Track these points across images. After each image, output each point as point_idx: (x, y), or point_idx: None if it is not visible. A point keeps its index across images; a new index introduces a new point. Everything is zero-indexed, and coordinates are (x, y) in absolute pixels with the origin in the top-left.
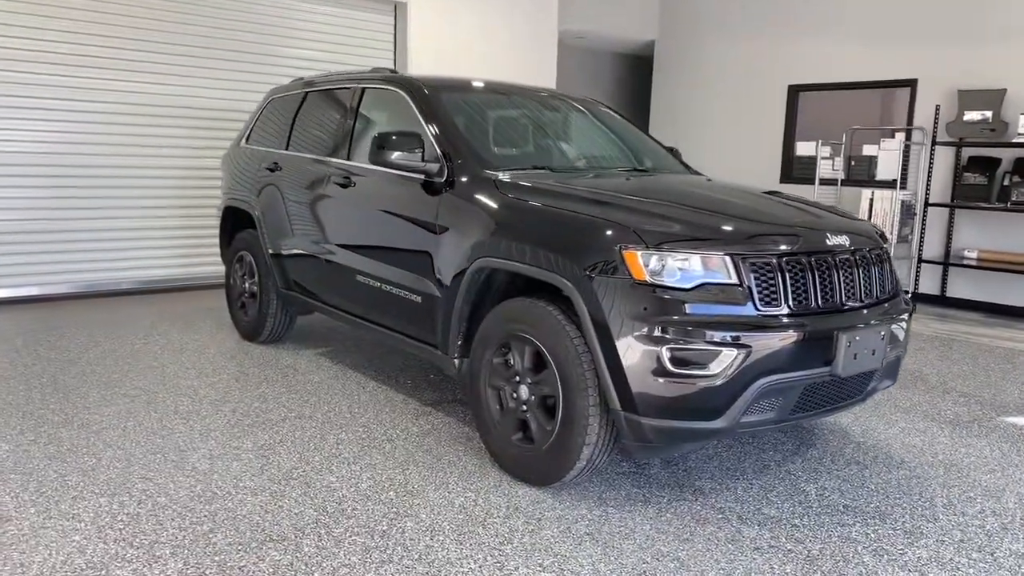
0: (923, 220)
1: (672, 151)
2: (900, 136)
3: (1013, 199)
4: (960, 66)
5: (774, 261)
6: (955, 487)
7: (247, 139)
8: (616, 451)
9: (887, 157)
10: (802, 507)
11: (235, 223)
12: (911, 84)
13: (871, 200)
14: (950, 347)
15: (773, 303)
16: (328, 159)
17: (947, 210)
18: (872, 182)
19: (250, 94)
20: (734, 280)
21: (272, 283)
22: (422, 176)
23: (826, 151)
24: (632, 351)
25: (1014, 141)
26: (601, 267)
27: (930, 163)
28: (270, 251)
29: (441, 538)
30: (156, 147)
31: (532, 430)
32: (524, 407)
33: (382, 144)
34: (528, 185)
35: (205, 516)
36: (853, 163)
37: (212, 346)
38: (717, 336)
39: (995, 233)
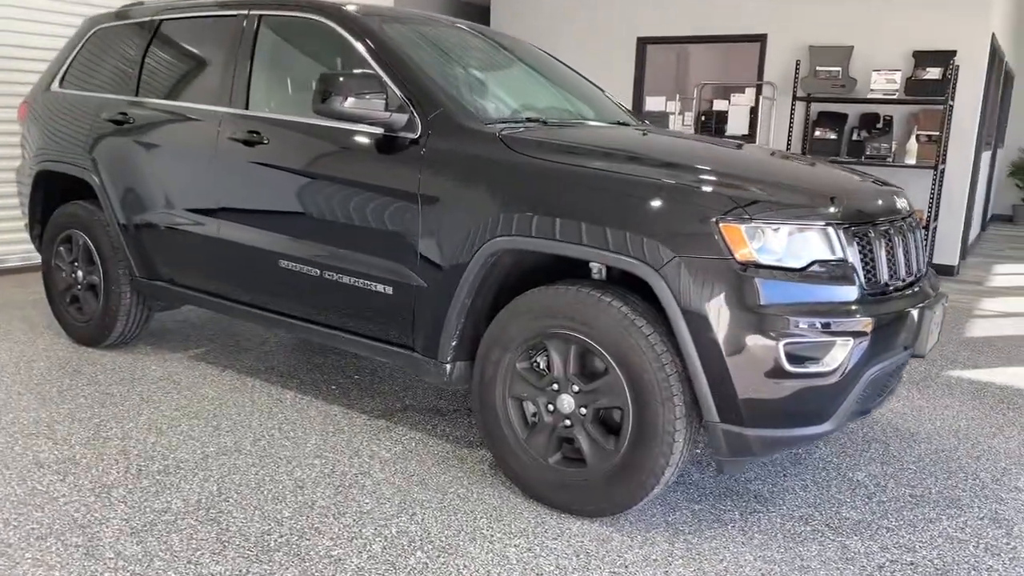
0: None
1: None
2: (750, 91)
3: (867, 153)
4: (808, 22)
5: (871, 232)
6: (981, 457)
7: (61, 81)
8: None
9: (737, 112)
10: (875, 503)
11: (54, 193)
12: (760, 39)
13: None
14: None
15: (871, 280)
16: (218, 109)
17: None
18: (723, 137)
19: (51, 25)
20: (840, 255)
21: (125, 272)
22: (380, 131)
23: (676, 106)
24: (740, 349)
25: (868, 97)
26: (692, 246)
27: (791, 118)
28: (123, 231)
29: None
30: None
31: (583, 450)
32: (567, 422)
33: (329, 89)
34: (555, 142)
35: None
36: (704, 118)
37: (40, 358)
38: (834, 324)
39: None
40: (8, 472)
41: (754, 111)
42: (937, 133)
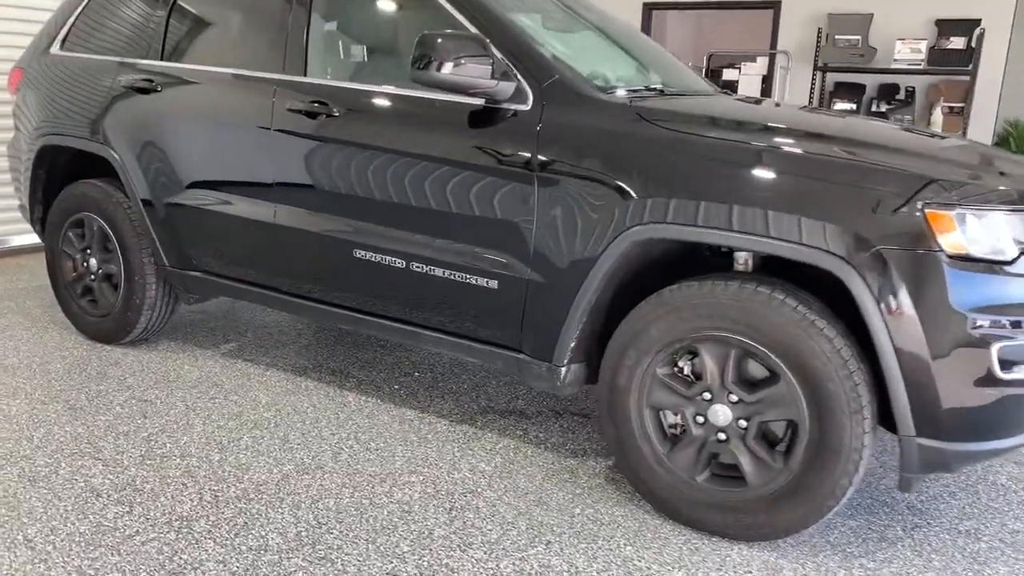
0: None
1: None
2: (762, 60)
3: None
4: None
5: None
6: None
7: (63, 43)
8: None
9: (748, 82)
10: None
11: (60, 171)
12: (774, 6)
13: None
14: None
15: None
16: (273, 76)
17: None
18: None
19: None
20: None
21: (150, 260)
22: (480, 102)
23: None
24: (947, 354)
25: (892, 67)
26: (894, 235)
27: (812, 88)
28: (149, 214)
29: None
30: None
31: (741, 468)
32: (721, 435)
33: (429, 52)
34: (700, 114)
35: None
36: None
37: (54, 358)
38: None
39: None
40: (63, 504)
41: (766, 80)
42: (960, 104)
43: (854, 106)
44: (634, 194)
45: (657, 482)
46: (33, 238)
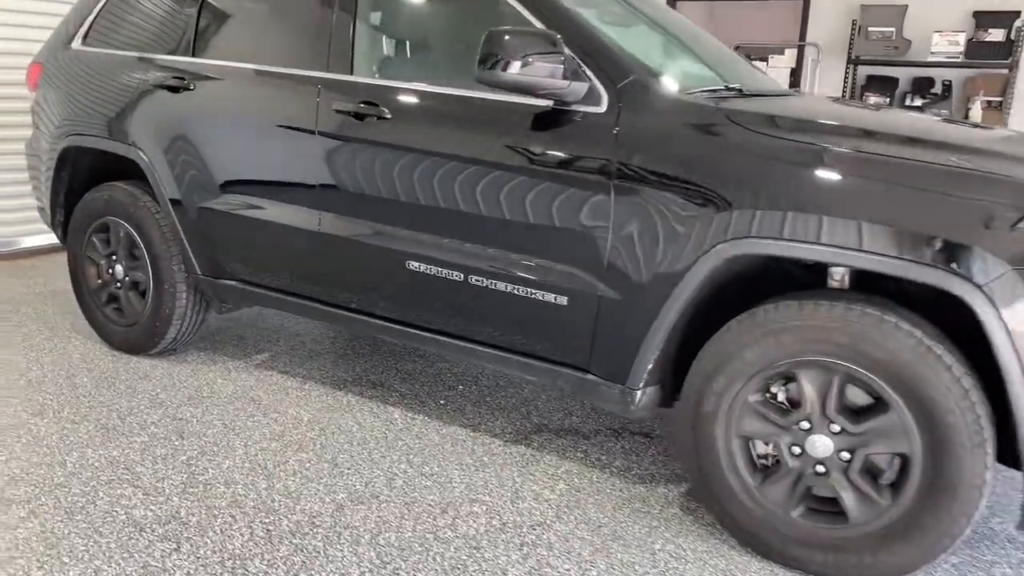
0: None
1: None
2: (791, 53)
3: None
4: None
5: None
6: None
7: (84, 38)
8: None
9: (775, 75)
10: None
11: (82, 173)
12: None
13: None
14: None
15: None
16: (317, 75)
17: None
18: None
19: None
20: None
21: (181, 268)
22: (548, 104)
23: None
24: None
25: (929, 60)
26: None
27: (845, 82)
28: (180, 220)
29: None
30: None
31: (843, 503)
32: (820, 468)
33: (496, 50)
34: (795, 118)
35: None
36: None
37: (80, 371)
38: None
39: None
40: (105, 540)
41: (794, 74)
42: (999, 98)
43: (887, 100)
44: (732, 205)
45: (746, 516)
46: (45, 239)
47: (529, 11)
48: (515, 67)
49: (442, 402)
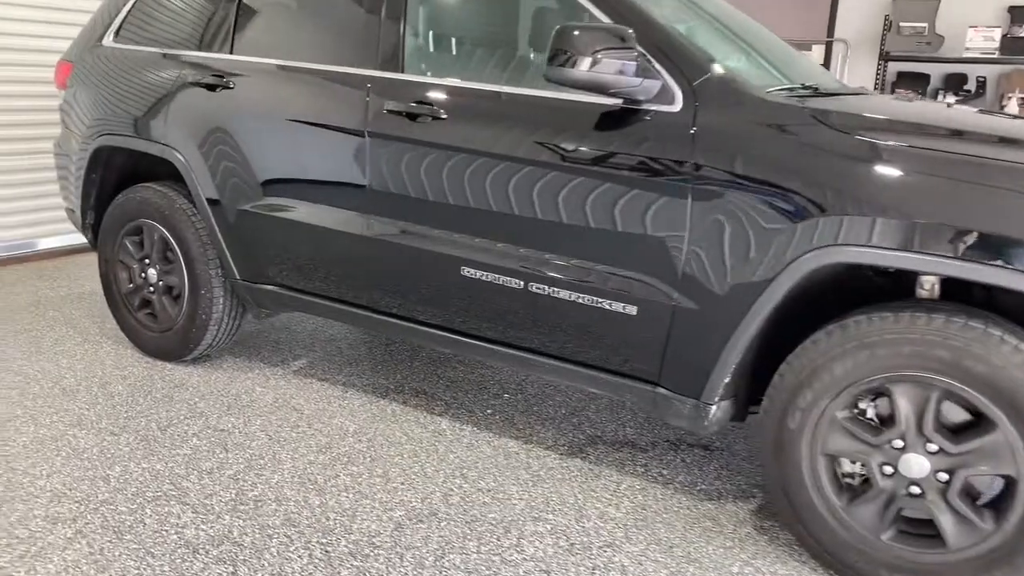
0: None
1: None
2: (818, 49)
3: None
4: None
5: None
6: None
7: (116, 34)
8: None
9: None
10: None
11: (114, 175)
12: None
13: None
14: None
15: None
16: (366, 73)
17: None
18: None
19: None
20: None
21: (218, 272)
22: (617, 102)
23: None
24: None
25: (963, 56)
26: None
27: (877, 79)
28: (218, 223)
29: None
30: None
31: (941, 527)
32: (915, 489)
33: (566, 47)
34: (891, 120)
35: None
36: None
37: (114, 379)
38: None
39: None
40: (158, 563)
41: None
42: None
43: (920, 97)
44: (823, 212)
45: (831, 539)
46: (64, 240)
47: (595, 5)
48: (585, 64)
49: (489, 411)
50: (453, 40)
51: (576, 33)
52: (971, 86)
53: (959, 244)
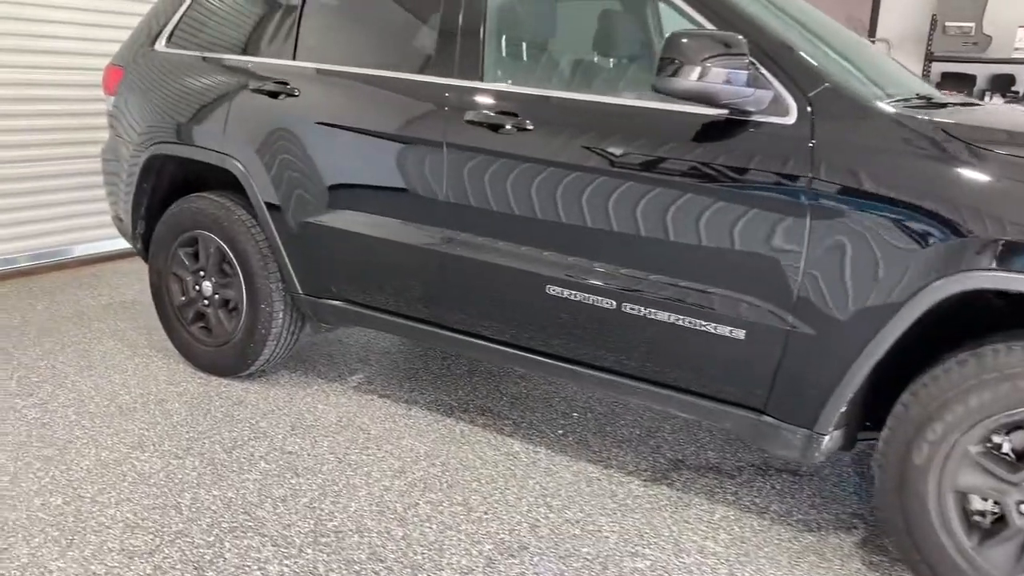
0: None
1: None
2: None
3: None
4: None
5: None
6: None
7: (169, 39)
8: None
9: None
10: None
11: (163, 182)
12: None
13: None
14: None
15: None
16: (443, 81)
17: None
18: None
19: None
20: None
21: (279, 286)
22: (722, 113)
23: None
24: None
25: (1013, 56)
26: None
27: (924, 79)
28: (281, 235)
29: None
30: None
31: None
32: None
33: (678, 55)
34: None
35: None
36: None
37: (169, 396)
38: None
39: None
40: None
41: None
42: None
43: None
44: (962, 234)
45: None
46: (101, 246)
47: (696, 10)
48: (693, 74)
49: (560, 432)
50: (537, 46)
51: (684, 41)
52: (1020, 87)
53: None
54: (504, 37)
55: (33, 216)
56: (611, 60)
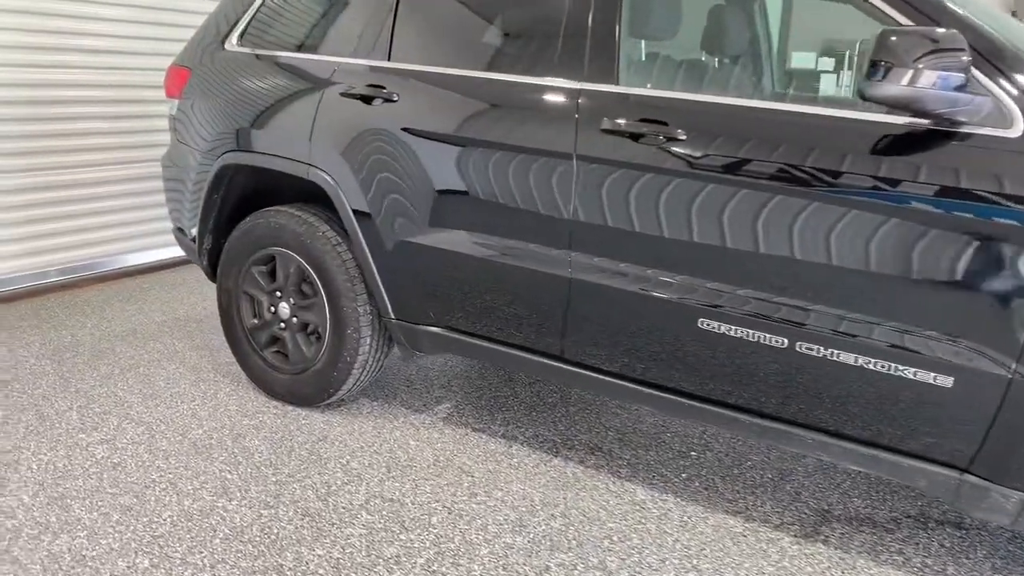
0: None
1: None
2: None
3: None
4: None
5: None
6: None
7: (240, 37)
8: None
9: None
10: None
11: (233, 194)
12: None
13: None
14: None
15: None
16: (575, 86)
17: None
18: None
19: None
20: None
21: (367, 309)
22: (923, 123)
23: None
24: None
25: None
26: None
27: None
28: (373, 254)
29: None
30: None
31: None
32: None
33: (889, 57)
34: None
35: None
36: None
37: (245, 430)
38: None
39: None
40: None
41: None
42: None
43: None
44: None
45: None
46: (151, 256)
47: (891, 5)
48: (905, 77)
49: (684, 476)
50: (683, 46)
51: (894, 39)
52: None
53: None
54: (645, 34)
55: (70, 227)
56: (781, 60)
